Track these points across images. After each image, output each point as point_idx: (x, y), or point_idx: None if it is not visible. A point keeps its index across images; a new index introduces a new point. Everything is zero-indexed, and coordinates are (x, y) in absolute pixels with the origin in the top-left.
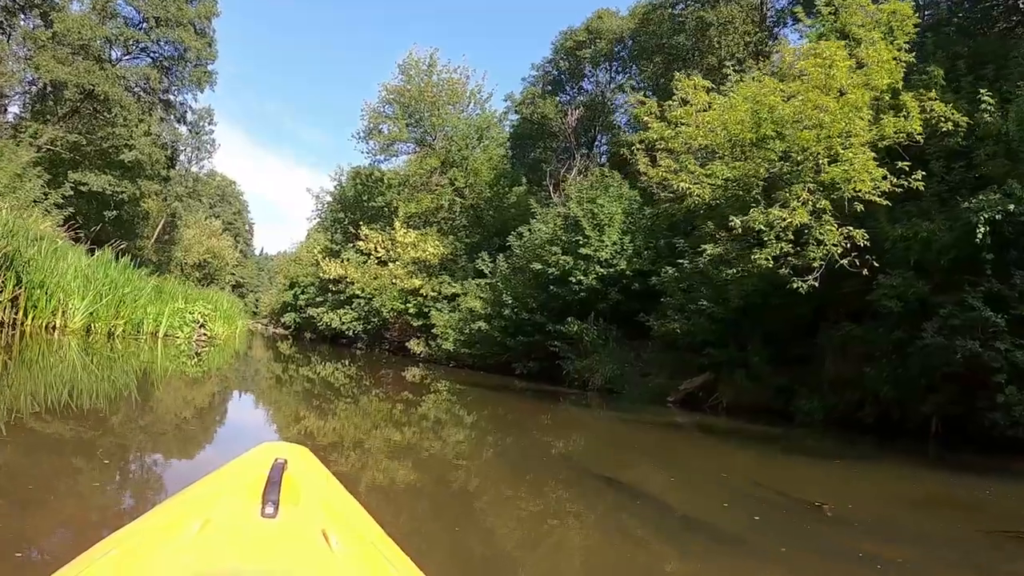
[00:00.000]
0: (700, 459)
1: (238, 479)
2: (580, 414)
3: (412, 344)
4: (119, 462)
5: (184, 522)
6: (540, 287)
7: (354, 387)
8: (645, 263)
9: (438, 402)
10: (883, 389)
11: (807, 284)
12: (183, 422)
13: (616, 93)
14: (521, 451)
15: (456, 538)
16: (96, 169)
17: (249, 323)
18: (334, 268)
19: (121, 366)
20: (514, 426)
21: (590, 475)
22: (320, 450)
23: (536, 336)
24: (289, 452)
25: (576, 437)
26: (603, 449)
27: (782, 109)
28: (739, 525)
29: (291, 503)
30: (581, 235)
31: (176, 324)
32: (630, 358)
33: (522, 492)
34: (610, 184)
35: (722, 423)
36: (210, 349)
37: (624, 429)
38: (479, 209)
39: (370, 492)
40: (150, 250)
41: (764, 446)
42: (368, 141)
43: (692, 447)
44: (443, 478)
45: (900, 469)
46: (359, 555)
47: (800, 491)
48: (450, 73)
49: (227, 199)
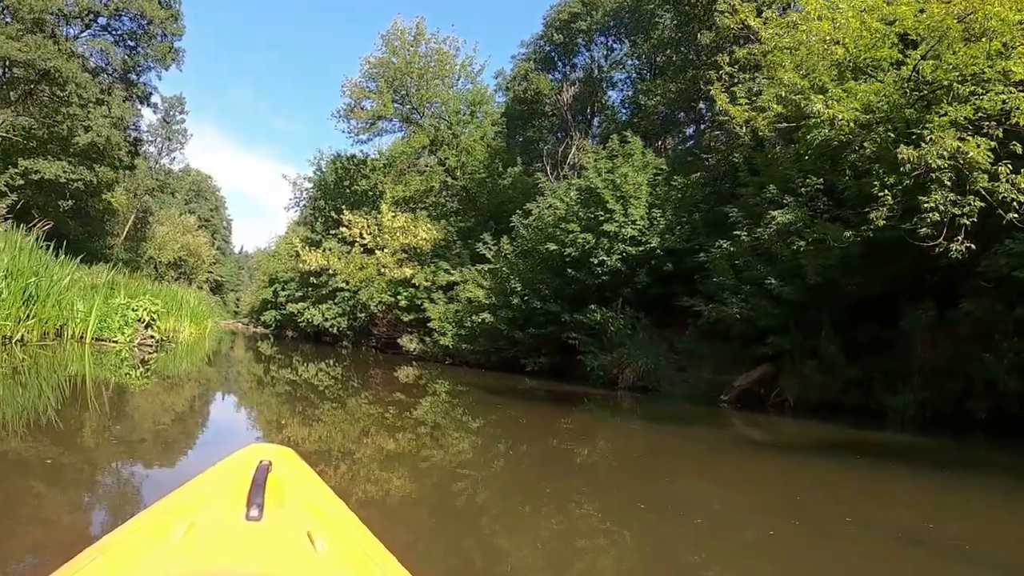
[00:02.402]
0: (770, 473)
1: (223, 482)
2: (609, 417)
3: (404, 340)
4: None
5: (169, 526)
6: (553, 271)
7: (340, 390)
8: (678, 240)
9: (437, 405)
10: (1001, 377)
11: (958, 248)
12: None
13: (614, 68)
14: (538, 461)
15: (465, 559)
16: (50, 156)
17: (231, 323)
18: (315, 259)
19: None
20: (528, 432)
21: (625, 490)
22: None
23: (549, 328)
24: (274, 454)
25: (604, 444)
26: (641, 459)
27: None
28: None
29: (276, 505)
30: (602, 210)
31: (115, 325)
32: (662, 350)
33: (541, 508)
34: (632, 151)
35: (791, 426)
36: (161, 355)
37: (667, 435)
38: (472, 191)
39: (366, 508)
40: (120, 248)
41: (848, 454)
42: (350, 120)
43: (757, 456)
44: (447, 491)
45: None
46: (345, 557)
47: (917, 520)
48: (439, 43)
49: (203, 194)
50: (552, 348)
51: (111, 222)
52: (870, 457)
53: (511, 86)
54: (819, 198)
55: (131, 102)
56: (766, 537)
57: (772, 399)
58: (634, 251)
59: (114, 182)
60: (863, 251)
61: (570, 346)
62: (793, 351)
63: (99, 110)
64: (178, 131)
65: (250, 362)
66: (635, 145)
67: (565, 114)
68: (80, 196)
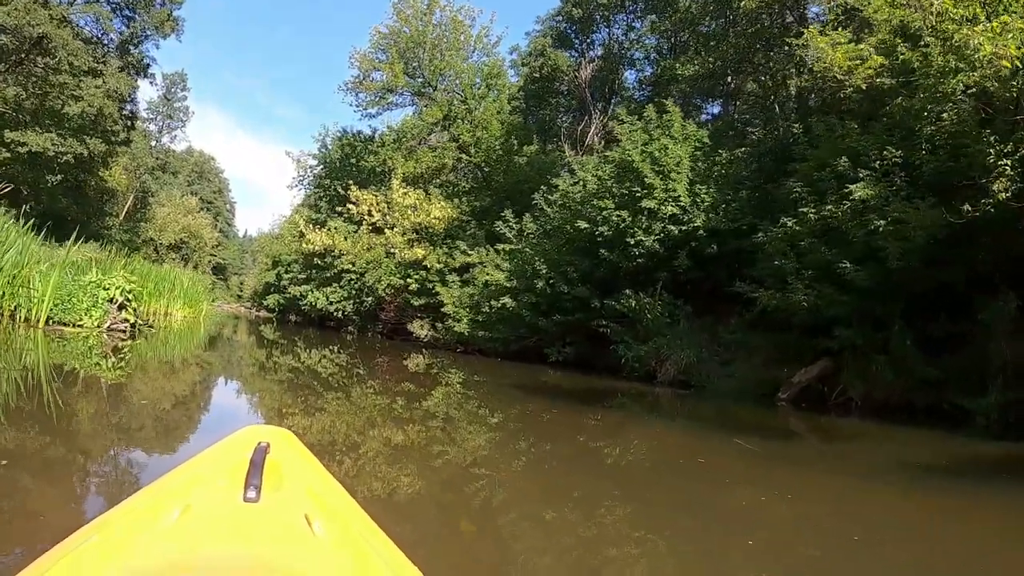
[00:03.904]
0: (842, 488)
1: (220, 463)
2: (645, 415)
3: (414, 326)
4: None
5: (165, 507)
6: (582, 252)
7: (345, 378)
8: (723, 220)
9: (450, 397)
10: None
11: None
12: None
13: (634, 46)
14: (564, 461)
15: (479, 563)
16: (38, 128)
17: (235, 306)
18: (319, 238)
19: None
20: (552, 428)
21: (664, 497)
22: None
23: (577, 314)
24: (272, 435)
25: (641, 445)
26: (685, 463)
27: None
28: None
29: (274, 488)
30: (639, 185)
31: (81, 306)
32: (703, 341)
33: (567, 513)
34: (671, 121)
35: (861, 428)
36: (138, 342)
37: (716, 436)
38: (487, 169)
39: (372, 505)
40: (119, 229)
41: (936, 465)
42: (358, 93)
43: (824, 464)
44: (460, 490)
45: None
46: (343, 540)
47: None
48: (453, 12)
49: (205, 176)
50: (578, 337)
51: (110, 203)
52: (957, 471)
53: (527, 62)
54: (895, 173)
55: (128, 72)
56: (831, 561)
57: (835, 398)
58: (676, 230)
59: (107, 157)
60: (946, 235)
61: (598, 335)
62: (861, 345)
63: (91, 80)
64: (179, 108)
65: (252, 347)
66: (675, 115)
67: (584, 92)
68: (70, 171)
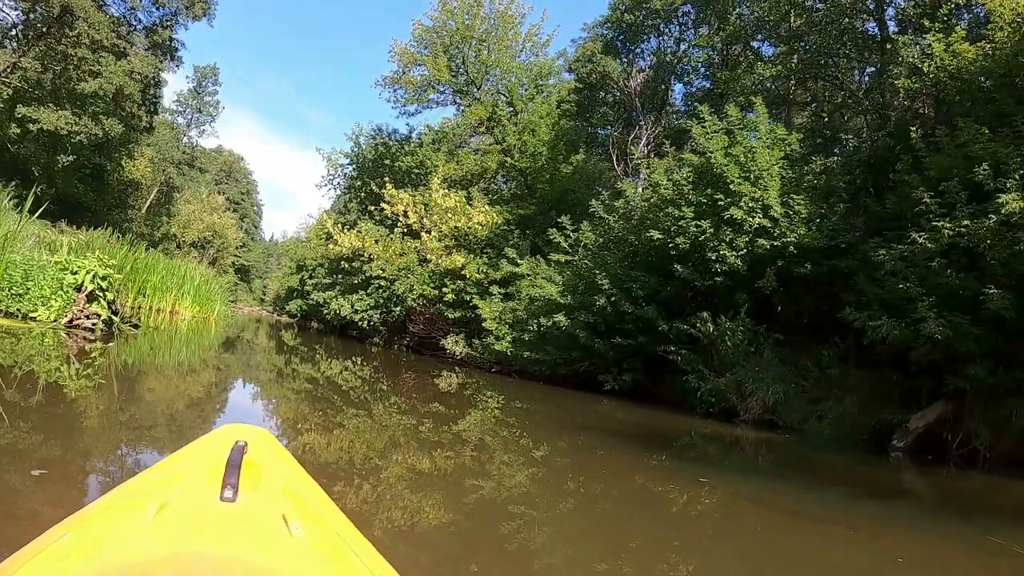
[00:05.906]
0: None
1: (197, 461)
2: (722, 459)
3: (448, 342)
4: None
5: (141, 505)
6: (649, 267)
7: (368, 394)
8: (817, 236)
9: (485, 422)
10: None
11: None
12: None
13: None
14: (619, 504)
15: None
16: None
17: (256, 310)
18: (348, 240)
19: None
20: (607, 466)
21: (744, 557)
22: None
23: (640, 337)
24: (250, 435)
25: (713, 493)
26: (775, 519)
27: None
28: None
29: (251, 487)
30: (723, 192)
31: (36, 293)
32: (790, 375)
33: (622, 566)
34: (758, 123)
35: (998, 487)
36: (115, 345)
37: (812, 489)
38: (532, 175)
39: (391, 537)
40: (140, 222)
41: None
42: (396, 88)
43: (954, 526)
44: (495, 529)
45: None
46: (319, 541)
47: None
48: (505, 5)
49: (234, 176)
50: (636, 363)
51: (134, 194)
52: None
53: (575, 67)
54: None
55: (154, 53)
56: None
57: (958, 447)
58: (767, 245)
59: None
60: None
61: (659, 362)
62: (993, 386)
63: (111, 58)
64: (210, 103)
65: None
66: (762, 116)
67: (634, 101)
68: (83, 151)
